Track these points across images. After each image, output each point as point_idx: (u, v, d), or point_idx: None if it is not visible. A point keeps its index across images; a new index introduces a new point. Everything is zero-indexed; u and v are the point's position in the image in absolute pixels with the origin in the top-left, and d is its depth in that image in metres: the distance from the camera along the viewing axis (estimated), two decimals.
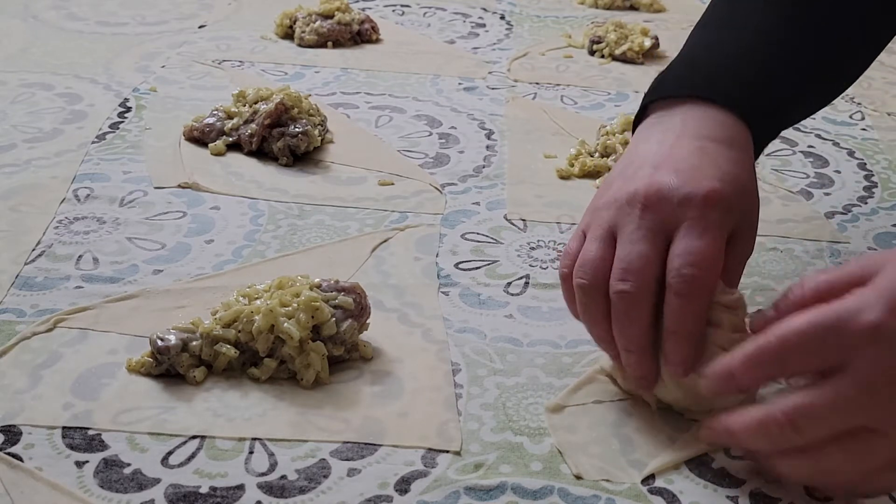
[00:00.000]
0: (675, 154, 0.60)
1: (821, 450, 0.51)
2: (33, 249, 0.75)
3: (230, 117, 0.93)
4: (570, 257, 0.61)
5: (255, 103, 0.92)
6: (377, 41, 1.21)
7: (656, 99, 0.65)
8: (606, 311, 0.58)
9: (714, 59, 0.67)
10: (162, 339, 0.62)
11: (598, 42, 1.19)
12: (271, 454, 0.57)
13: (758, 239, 0.60)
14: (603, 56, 1.19)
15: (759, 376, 0.54)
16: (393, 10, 1.34)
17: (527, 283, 0.74)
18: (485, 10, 1.35)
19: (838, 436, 0.50)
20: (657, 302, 0.57)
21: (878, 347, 0.48)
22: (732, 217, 0.58)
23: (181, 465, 0.56)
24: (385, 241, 0.78)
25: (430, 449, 0.58)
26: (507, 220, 0.82)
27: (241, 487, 0.54)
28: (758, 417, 0.52)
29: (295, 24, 1.20)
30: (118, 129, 0.95)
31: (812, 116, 1.03)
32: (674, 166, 0.59)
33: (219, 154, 0.91)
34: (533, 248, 0.78)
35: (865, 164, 0.95)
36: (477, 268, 0.75)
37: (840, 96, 1.08)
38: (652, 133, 0.63)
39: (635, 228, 0.58)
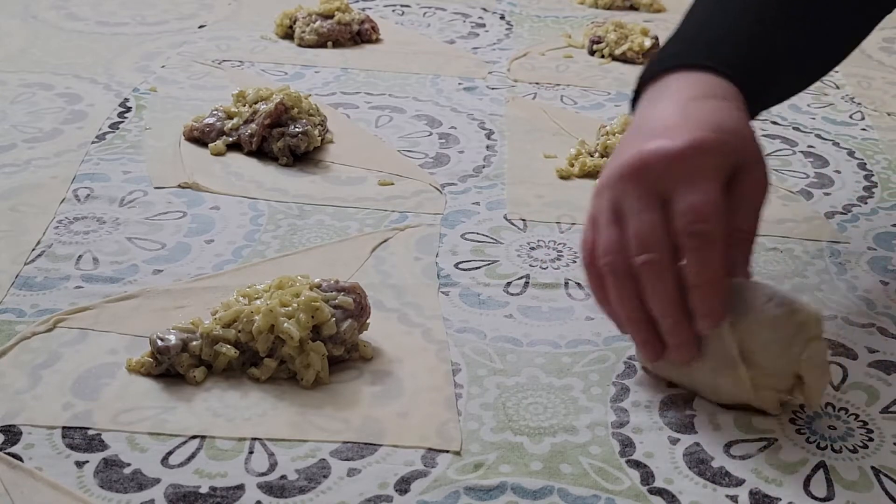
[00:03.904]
0: (659, 118, 0.61)
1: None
2: (33, 249, 0.75)
3: (230, 117, 0.93)
4: (589, 246, 0.61)
5: (255, 103, 0.92)
6: (377, 41, 1.21)
7: (648, 79, 0.66)
8: (634, 289, 0.59)
9: (700, 31, 0.68)
10: (162, 339, 0.62)
11: (598, 42, 1.19)
12: (271, 454, 0.57)
13: (758, 239, 0.59)
14: (603, 56, 1.19)
15: None
16: (393, 10, 1.34)
17: (527, 283, 0.74)
18: (485, 10, 1.35)
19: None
20: (678, 267, 0.58)
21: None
22: (726, 159, 0.59)
23: (181, 465, 0.56)
24: (385, 241, 0.78)
25: (430, 449, 0.57)
26: (507, 220, 0.82)
27: (240, 487, 0.54)
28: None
29: (295, 24, 1.20)
30: (118, 129, 0.95)
31: (812, 116, 1.04)
32: (657, 131, 0.60)
33: (219, 154, 0.91)
34: (533, 248, 0.78)
35: (865, 164, 0.95)
36: (477, 268, 0.75)
37: (841, 96, 1.09)
38: (642, 107, 0.65)
39: (635, 201, 0.58)
